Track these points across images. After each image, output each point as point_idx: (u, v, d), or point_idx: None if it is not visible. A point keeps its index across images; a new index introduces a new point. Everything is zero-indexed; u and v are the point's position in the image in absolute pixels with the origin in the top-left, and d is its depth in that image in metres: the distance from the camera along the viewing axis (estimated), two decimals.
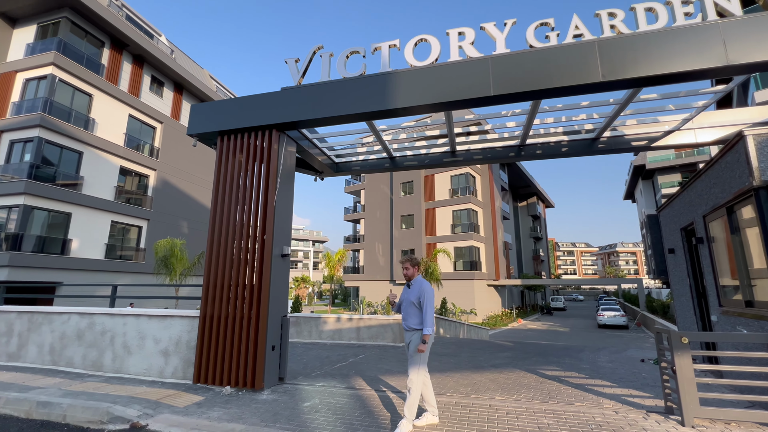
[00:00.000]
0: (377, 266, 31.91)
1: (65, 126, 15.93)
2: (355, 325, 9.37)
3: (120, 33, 18.27)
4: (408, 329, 3.82)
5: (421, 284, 3.78)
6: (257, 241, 5.24)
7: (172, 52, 22.85)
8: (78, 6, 16.51)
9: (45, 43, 16.28)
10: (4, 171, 15.17)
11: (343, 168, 7.69)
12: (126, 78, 19.31)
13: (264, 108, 5.50)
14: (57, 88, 16.01)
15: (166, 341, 5.37)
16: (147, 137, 20.54)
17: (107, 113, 18.16)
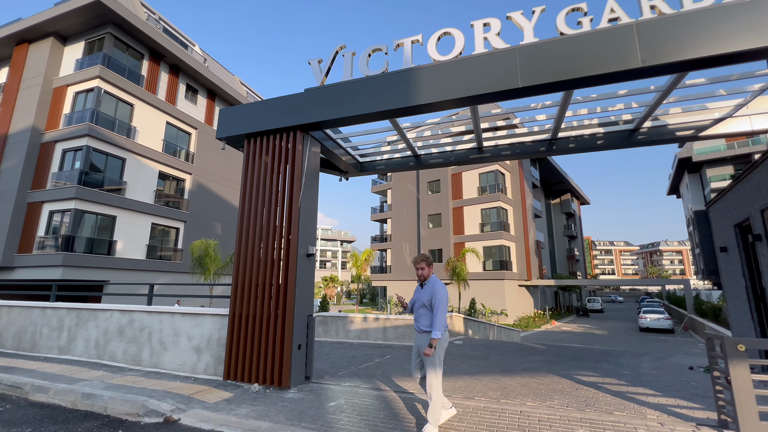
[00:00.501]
0: (404, 266, 31.77)
1: (110, 135, 17.01)
2: (382, 325, 9.33)
3: (158, 45, 19.28)
4: (419, 331, 3.69)
5: (434, 285, 3.65)
6: (283, 241, 5.31)
7: (204, 60, 23.85)
8: (120, 22, 17.58)
9: (91, 58, 17.45)
10: (58, 178, 16.42)
11: (368, 167, 7.67)
12: (163, 87, 20.36)
13: (288, 109, 5.57)
14: (102, 99, 17.12)
15: (198, 338, 5.56)
16: (183, 143, 21.56)
17: (147, 121, 19.23)
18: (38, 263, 15.36)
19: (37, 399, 4.55)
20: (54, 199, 15.94)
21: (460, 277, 18.06)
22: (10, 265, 15.80)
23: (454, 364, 6.79)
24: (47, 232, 16.10)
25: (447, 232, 29.15)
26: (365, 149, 7.38)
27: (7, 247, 15.74)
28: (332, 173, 7.58)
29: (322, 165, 7.24)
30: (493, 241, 27.23)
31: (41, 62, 17.78)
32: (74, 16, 17.10)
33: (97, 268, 16.20)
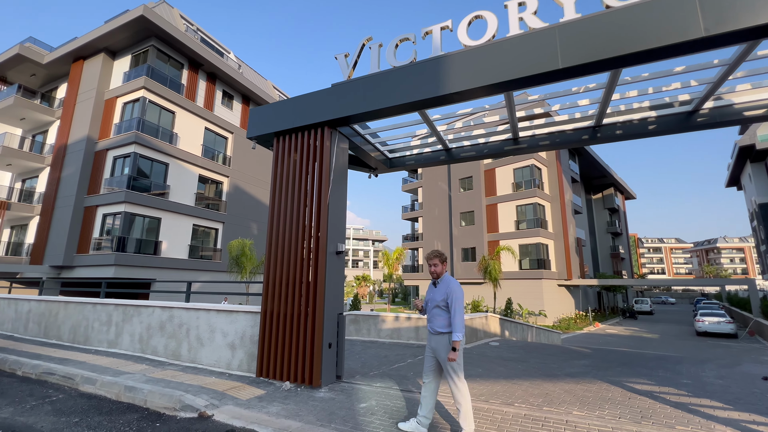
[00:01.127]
0: None
1: (154, 141, 18.03)
2: (414, 324, 9.12)
3: (196, 54, 20.21)
4: (433, 332, 3.46)
5: (448, 283, 3.44)
6: (312, 239, 5.26)
7: (239, 67, 24.72)
8: (162, 35, 18.59)
9: (137, 70, 18.59)
10: (109, 183, 17.63)
11: (397, 163, 7.50)
12: (201, 94, 21.32)
13: (315, 106, 5.52)
14: (147, 108, 18.18)
15: (233, 335, 5.65)
16: (220, 147, 22.47)
17: (187, 127, 20.21)
18: (94, 263, 16.57)
19: (86, 390, 4.79)
20: (106, 203, 17.12)
21: (491, 276, 17.37)
22: (71, 264, 17.16)
23: (491, 366, 6.46)
24: (101, 234, 17.33)
25: (480, 230, 28.35)
26: (394, 144, 7.21)
27: (68, 248, 17.10)
28: (361, 170, 7.48)
29: (351, 162, 7.17)
30: (530, 238, 26.13)
31: (94, 77, 19.18)
32: (121, 32, 18.28)
33: (145, 267, 17.22)
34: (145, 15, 17.34)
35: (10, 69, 21.36)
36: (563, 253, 26.79)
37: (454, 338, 3.26)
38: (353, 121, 5.47)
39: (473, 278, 27.44)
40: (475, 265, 27.60)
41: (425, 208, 33.02)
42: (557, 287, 26.69)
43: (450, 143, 6.79)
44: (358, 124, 6.10)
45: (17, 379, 5.32)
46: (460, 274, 28.99)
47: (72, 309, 7.64)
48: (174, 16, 20.87)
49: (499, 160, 28.64)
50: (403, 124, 6.22)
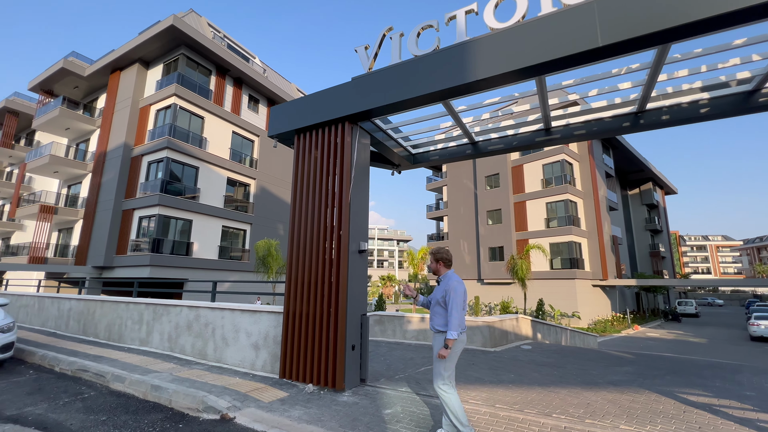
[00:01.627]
0: (463, 264, 30.63)
1: (185, 146, 18.66)
2: None
3: (223, 60, 20.76)
4: (434, 331, 3.35)
5: (448, 280, 3.32)
6: (334, 238, 5.11)
7: (264, 71, 25.21)
8: (191, 43, 19.21)
9: (168, 78, 19.31)
10: (144, 188, 18.41)
11: (421, 159, 7.25)
12: (229, 99, 21.88)
13: (335, 100, 5.37)
14: (178, 114, 18.84)
15: (256, 335, 5.59)
16: (247, 150, 22.98)
17: (215, 132, 20.79)
18: (131, 263, 17.33)
19: (116, 388, 4.86)
20: (142, 206, 17.87)
21: (517, 276, 16.64)
22: (111, 265, 18.05)
23: (524, 372, 6.07)
24: (138, 236, 18.11)
25: (508, 229, 27.46)
26: (417, 139, 6.96)
27: (108, 249, 18.00)
28: (384, 167, 7.28)
29: (373, 159, 6.99)
30: (561, 237, 25.02)
31: (130, 86, 20.11)
32: (153, 42, 19.05)
33: (178, 267, 17.83)
34: (174, 25, 17.97)
35: (56, 82, 22.79)
36: (597, 252, 25.47)
37: (447, 335, 3.09)
38: (375, 115, 5.27)
39: (501, 278, 26.63)
40: (503, 265, 26.77)
41: (450, 206, 32.42)
42: (591, 288, 25.41)
43: (476, 136, 6.46)
44: (379, 119, 5.91)
45: (55, 375, 5.50)
46: (487, 274, 28.23)
47: (107, 308, 7.91)
48: (202, 24, 21.55)
49: (527, 156, 27.66)
50: (427, 117, 5.96)
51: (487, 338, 8.17)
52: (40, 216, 19.95)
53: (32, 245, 20.45)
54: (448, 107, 5.29)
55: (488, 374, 5.78)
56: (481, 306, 27.39)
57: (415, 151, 7.18)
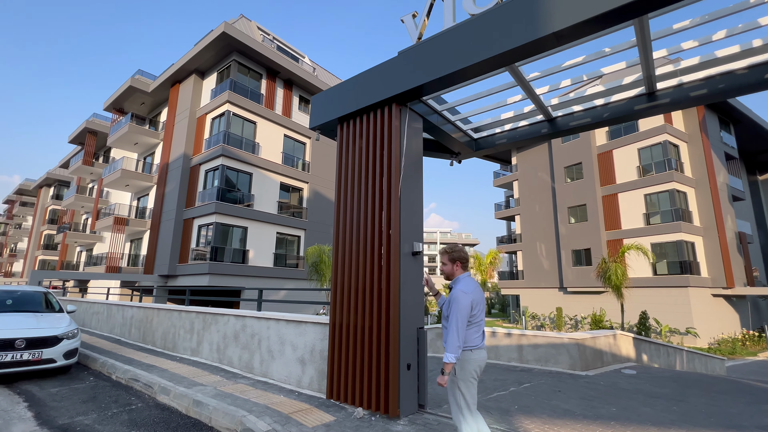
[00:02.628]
0: (540, 270, 28.53)
1: (239, 152, 19.89)
2: (516, 342, 8.00)
3: (273, 63, 21.85)
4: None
5: (454, 286, 2.97)
6: (383, 239, 4.75)
7: (314, 70, 26.09)
8: (242, 48, 20.50)
9: (222, 85, 20.81)
10: (202, 196, 19.96)
11: (485, 144, 6.62)
12: (279, 102, 22.96)
13: (380, 80, 5.03)
14: (231, 121, 20.18)
15: (302, 349, 5.44)
16: (299, 153, 23.88)
17: (267, 136, 21.91)
18: (192, 272, 18.83)
19: (161, 400, 5.00)
20: (201, 214, 19.38)
21: (610, 283, 14.71)
22: (174, 273, 19.81)
23: (630, 405, 5.12)
24: (197, 244, 19.66)
25: (595, 227, 24.95)
26: (480, 121, 6.36)
27: (172, 258, 19.79)
28: (442, 156, 6.80)
29: (428, 147, 6.55)
30: (667, 235, 22.02)
31: (188, 97, 22.07)
32: (207, 51, 20.67)
33: (235, 275, 18.97)
34: (226, 31, 19.30)
35: (126, 100, 25.91)
36: (718, 253, 21.95)
37: (444, 359, 2.76)
38: (427, 93, 4.83)
39: (589, 286, 24.24)
40: (590, 270, 24.35)
41: (523, 204, 30.48)
42: (711, 298, 21.94)
43: (554, 110, 5.69)
44: (433, 99, 5.46)
45: (111, 384, 5.88)
46: (570, 281, 25.92)
47: (163, 316, 8.45)
48: (252, 28, 22.93)
49: (617, 140, 24.96)
50: (491, 92, 5.34)
51: (576, 359, 7.19)
52: (114, 227, 22.67)
53: (108, 255, 23.29)
54: (517, 75, 4.66)
55: (580, 406, 4.96)
56: (565, 319, 25.18)
57: (478, 135, 6.58)
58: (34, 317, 6.38)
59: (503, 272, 33.31)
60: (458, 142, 6.29)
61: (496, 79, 5.49)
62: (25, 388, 5.53)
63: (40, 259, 37.99)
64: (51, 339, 5.99)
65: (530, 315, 27.98)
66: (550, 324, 26.45)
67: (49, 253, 36.98)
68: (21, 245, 48.56)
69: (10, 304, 6.76)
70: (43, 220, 40.35)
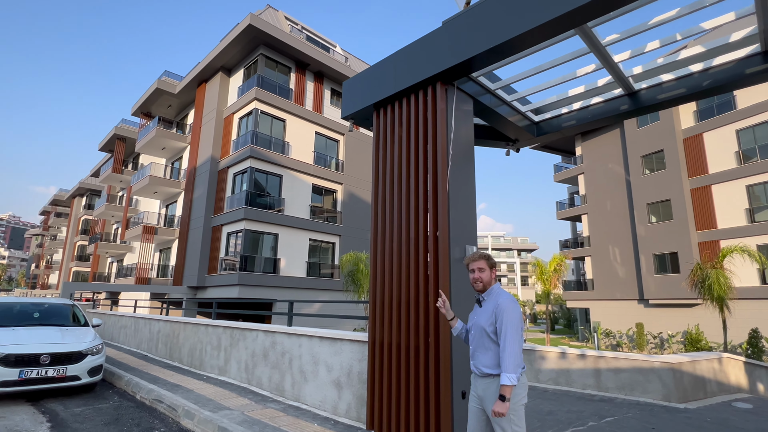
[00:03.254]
0: (614, 279, 26.80)
1: (268, 153, 20.40)
2: (592, 365, 7.37)
3: (302, 54, 22.26)
4: (479, 374, 2.84)
5: (497, 298, 2.84)
6: (429, 242, 4.47)
7: (346, 59, 26.35)
8: (270, 40, 21.06)
9: (249, 82, 21.49)
10: (231, 202, 20.66)
11: (548, 128, 6.17)
12: (310, 97, 23.34)
13: (421, 57, 4.78)
14: (260, 120, 20.75)
15: (338, 370, 5.26)
16: (332, 152, 24.13)
17: (298, 135, 22.32)
18: (221, 283, 19.49)
19: (185, 425, 5.01)
20: (229, 221, 20.05)
21: (712, 293, 13.33)
22: (203, 285, 20.62)
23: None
24: (226, 253, 20.35)
25: (683, 227, 23.05)
26: (542, 101, 5.92)
27: (201, 269, 20.62)
28: (495, 145, 6.42)
29: (479, 135, 6.21)
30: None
31: (214, 97, 23.03)
32: (234, 46, 21.44)
33: (266, 286, 19.39)
34: (252, 23, 19.91)
35: (153, 104, 27.55)
36: None
37: (503, 381, 2.58)
38: (477, 68, 4.51)
39: (678, 297, 22.42)
40: (679, 279, 22.51)
41: (591, 201, 28.88)
42: None
43: (636, 82, 5.15)
44: (484, 75, 5.13)
45: (135, 404, 6.03)
46: (653, 292, 24.10)
47: (189, 331, 8.67)
48: (279, 19, 23.56)
49: (708, 122, 22.99)
50: (554, 63, 4.91)
51: (671, 388, 6.47)
52: (143, 237, 24.05)
53: (137, 266, 24.73)
54: (590, 40, 4.23)
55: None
56: (647, 337, 23.41)
57: (539, 117, 6.13)
58: (60, 331, 6.71)
59: (568, 282, 31.68)
60: (516, 127, 5.89)
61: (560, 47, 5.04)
62: (50, 406, 5.79)
63: (74, 270, 41.24)
64: (75, 354, 6.25)
65: (603, 332, 26.33)
66: (628, 343, 24.73)
67: (82, 264, 40.08)
68: (57, 256, 53.07)
69: (36, 317, 7.18)
70: (77, 231, 43.85)
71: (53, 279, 51.94)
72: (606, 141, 28.50)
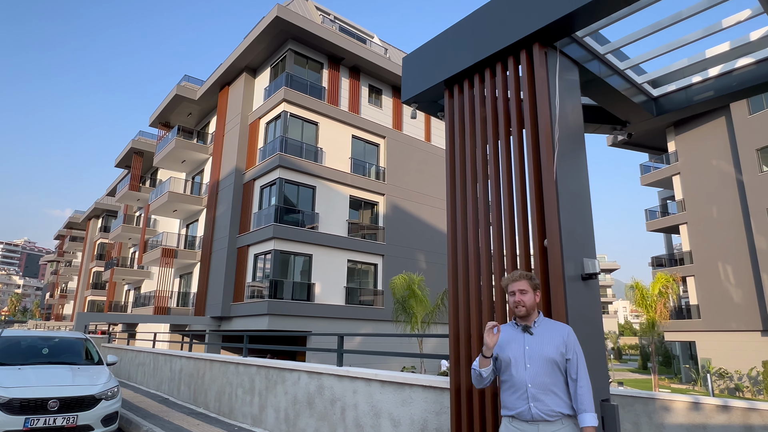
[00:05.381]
0: (728, 305, 24.62)
1: (299, 162, 20.44)
2: (740, 420, 6.32)
3: (336, 47, 22.38)
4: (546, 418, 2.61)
5: (555, 325, 2.90)
6: (532, 254, 3.86)
7: (386, 51, 26.35)
8: (299, 33, 21.32)
9: (276, 82, 21.80)
10: (258, 219, 20.78)
11: (670, 105, 5.45)
12: (345, 96, 23.35)
13: (511, 14, 4.25)
14: (289, 124, 20.90)
15: (407, 425, 4.67)
16: (371, 158, 23.92)
17: (332, 139, 22.30)
18: (249, 312, 19.46)
19: None
20: (256, 241, 20.12)
21: None
22: (228, 315, 20.70)
23: None
24: (254, 278, 20.38)
25: None
26: (665, 67, 5.20)
27: (225, 297, 20.75)
28: (599, 130, 5.75)
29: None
30: None
31: (238, 101, 23.55)
32: (260, 42, 21.88)
33: (299, 316, 19.15)
34: (279, 15, 20.24)
35: (172, 112, 28.65)
36: None
37: (588, 422, 2.57)
38: (583, 25, 3.93)
39: None
40: None
41: (691, 208, 26.95)
42: None
43: None
44: (591, 36, 4.51)
45: None
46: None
47: (216, 370, 8.37)
48: (309, 9, 23.95)
49: None
50: (680, 18, 4.23)
51: None
52: (162, 261, 24.67)
53: (156, 294, 25.34)
54: None
55: None
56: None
57: (658, 91, 5.41)
58: (71, 371, 6.55)
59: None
60: (629, 104, 5.20)
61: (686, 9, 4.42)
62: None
63: (89, 299, 43.25)
64: (88, 399, 6.04)
65: (715, 372, 24.13)
66: (751, 387, 22.45)
67: (97, 292, 41.94)
68: (71, 284, 56.08)
69: (45, 354, 7.09)
70: (92, 256, 46.12)
71: (68, 309, 54.75)
72: (708, 132, 26.62)
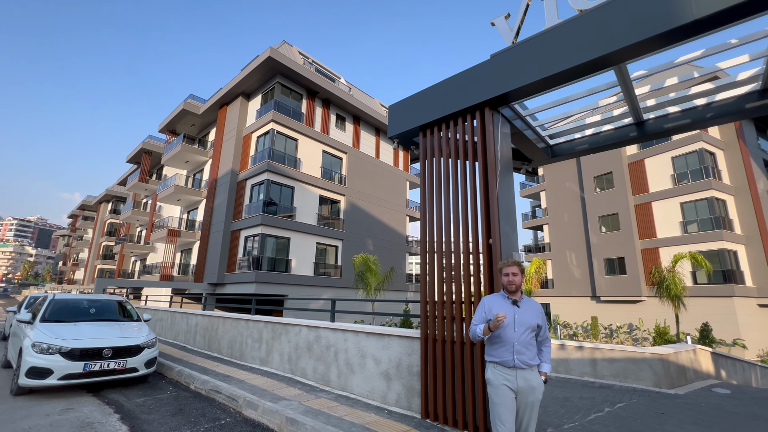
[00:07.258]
0: (571, 279, 27.14)
1: (282, 167, 19.89)
2: (589, 356, 7.24)
3: (313, 84, 21.93)
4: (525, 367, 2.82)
5: (532, 301, 3.04)
6: (481, 250, 4.26)
7: (349, 89, 26.14)
8: (285, 71, 20.67)
9: (266, 106, 21.00)
10: (248, 209, 20.00)
11: (560, 151, 6.06)
12: (318, 120, 22.98)
13: (471, 84, 4.60)
14: (275, 139, 20.25)
15: (386, 363, 4.94)
16: (336, 167, 23.75)
17: (308, 152, 21.89)
18: (239, 280, 18.74)
19: (249, 415, 4.59)
20: (247, 226, 19.37)
21: (670, 293, 13.60)
22: (222, 282, 19.79)
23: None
24: (244, 254, 19.63)
25: (629, 237, 23.55)
26: (559, 125, 5.82)
27: (220, 267, 19.80)
28: (514, 164, 6.27)
29: None
30: (706, 244, 20.48)
31: (234, 118, 22.40)
32: (254, 75, 20.96)
33: (279, 284, 18.75)
34: (271, 56, 19.52)
35: (178, 123, 26.63)
36: (763, 262, 20.21)
37: (548, 369, 2.96)
38: (523, 95, 4.36)
39: (624, 295, 22.86)
40: (624, 280, 23.01)
41: (551, 213, 29.29)
42: (758, 308, 20.14)
43: (646, 113, 5.10)
44: (518, 104, 4.98)
45: (191, 395, 5.54)
46: (604, 290, 24.49)
47: (228, 325, 8.16)
48: (293, 53, 23.22)
49: (648, 149, 23.71)
50: (572, 98, 4.82)
51: (661, 376, 6.38)
52: (167, 239, 23.03)
53: (162, 264, 23.65)
54: (621, 75, 4.12)
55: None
56: (600, 328, 23.69)
57: (554, 141, 6.03)
58: (118, 326, 6.17)
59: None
60: (535, 149, 5.77)
61: (585, 81, 5.10)
62: (112, 397, 5.26)
63: (99, 267, 39.28)
64: (134, 348, 5.74)
65: (562, 323, 26.54)
66: (583, 333, 24.95)
67: (107, 262, 38.21)
68: (82, 255, 50.55)
69: (93, 313, 6.60)
70: (102, 233, 41.87)
71: (78, 275, 49.39)
72: (564, 164, 29.03)
